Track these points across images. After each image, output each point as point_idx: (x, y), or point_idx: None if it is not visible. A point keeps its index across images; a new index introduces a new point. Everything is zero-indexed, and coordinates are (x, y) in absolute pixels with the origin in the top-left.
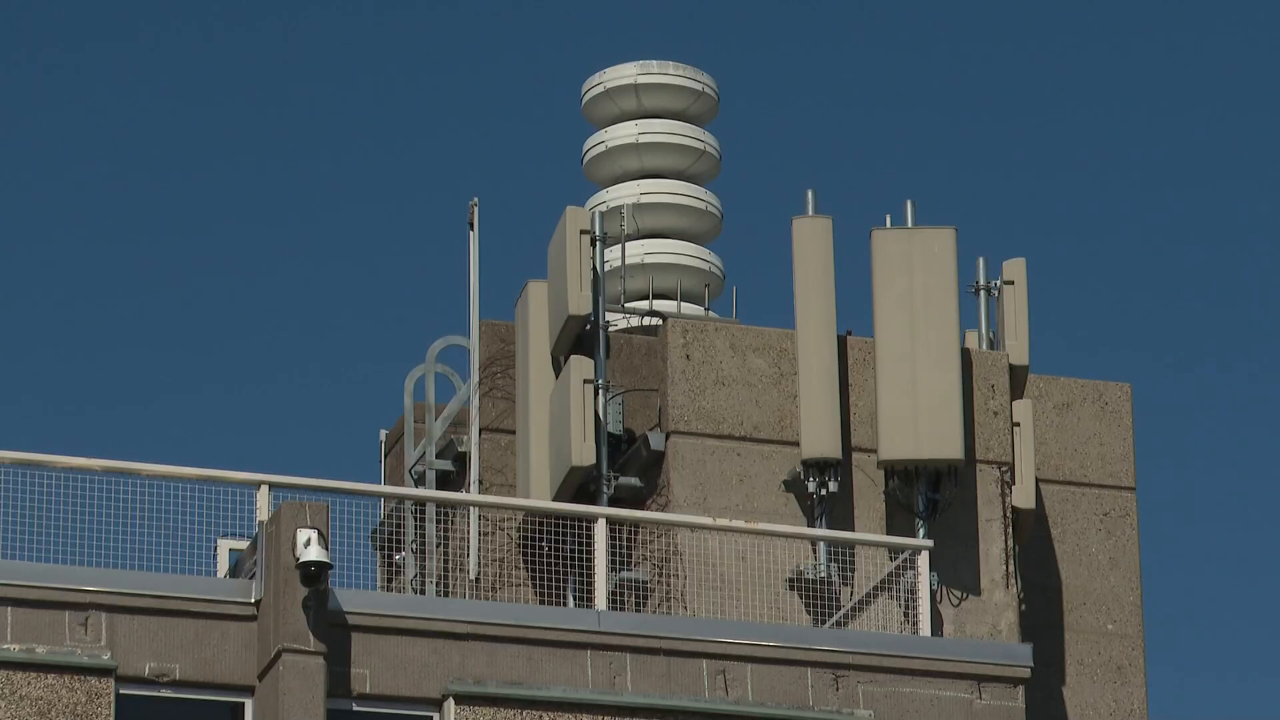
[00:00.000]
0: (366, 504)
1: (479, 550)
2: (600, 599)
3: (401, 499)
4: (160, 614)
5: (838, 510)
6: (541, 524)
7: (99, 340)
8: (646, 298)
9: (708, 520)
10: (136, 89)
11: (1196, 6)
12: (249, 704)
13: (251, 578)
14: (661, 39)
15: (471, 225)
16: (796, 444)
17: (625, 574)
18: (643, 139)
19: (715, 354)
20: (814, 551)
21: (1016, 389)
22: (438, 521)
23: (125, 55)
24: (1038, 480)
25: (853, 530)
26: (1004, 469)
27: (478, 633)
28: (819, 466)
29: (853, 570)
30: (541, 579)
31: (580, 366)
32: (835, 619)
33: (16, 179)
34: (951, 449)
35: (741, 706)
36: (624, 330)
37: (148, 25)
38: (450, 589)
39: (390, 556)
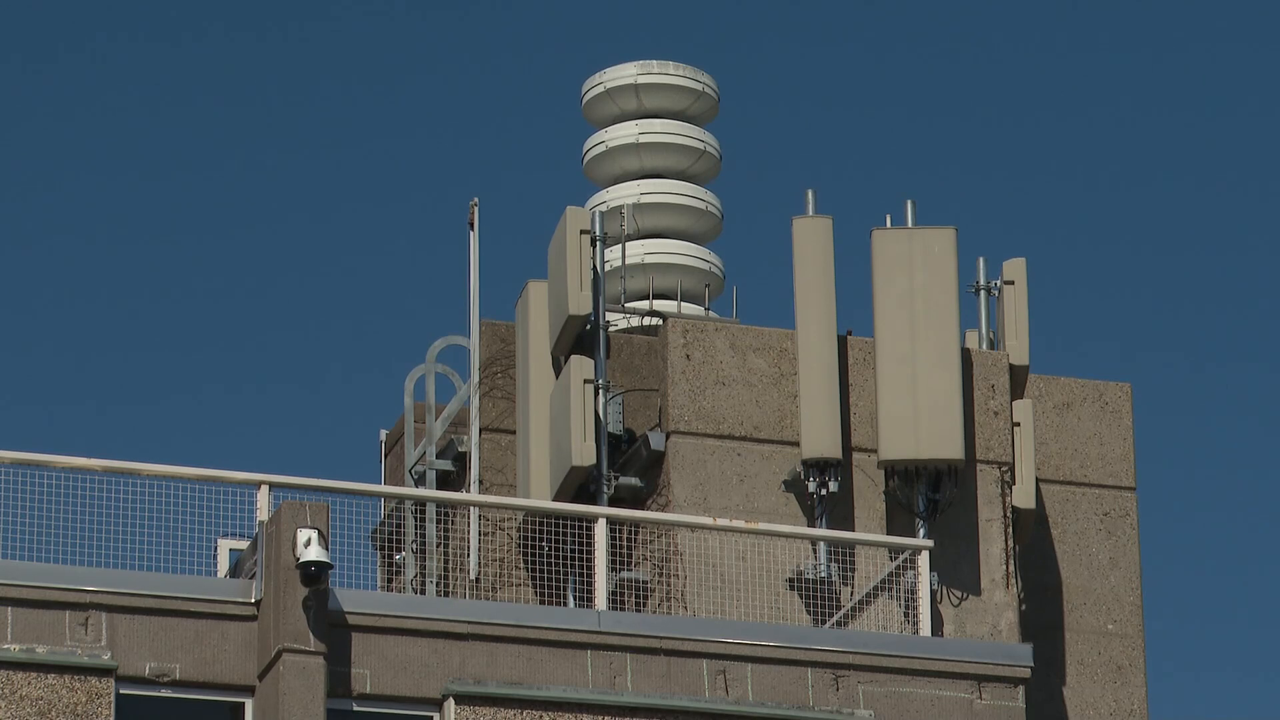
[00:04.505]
0: (366, 504)
1: (479, 550)
2: (600, 599)
3: (401, 499)
4: (160, 614)
5: (838, 510)
6: (541, 524)
7: (99, 340)
8: (646, 298)
9: (708, 520)
10: (137, 90)
11: (1196, 6)
12: (249, 704)
13: (251, 578)
14: (661, 39)
15: (471, 225)
16: (796, 444)
17: (625, 574)
18: (643, 139)
19: (715, 354)
20: (814, 551)
21: (1016, 389)
22: (438, 521)
23: (125, 56)
24: (1038, 480)
25: (853, 530)
26: (1004, 469)
27: (478, 633)
28: (819, 466)
29: (853, 570)
30: (541, 579)
31: (580, 366)
32: (835, 619)
33: (17, 179)
34: (951, 449)
35: (741, 706)
36: (624, 330)
37: (148, 26)
38: (450, 589)
39: (390, 556)
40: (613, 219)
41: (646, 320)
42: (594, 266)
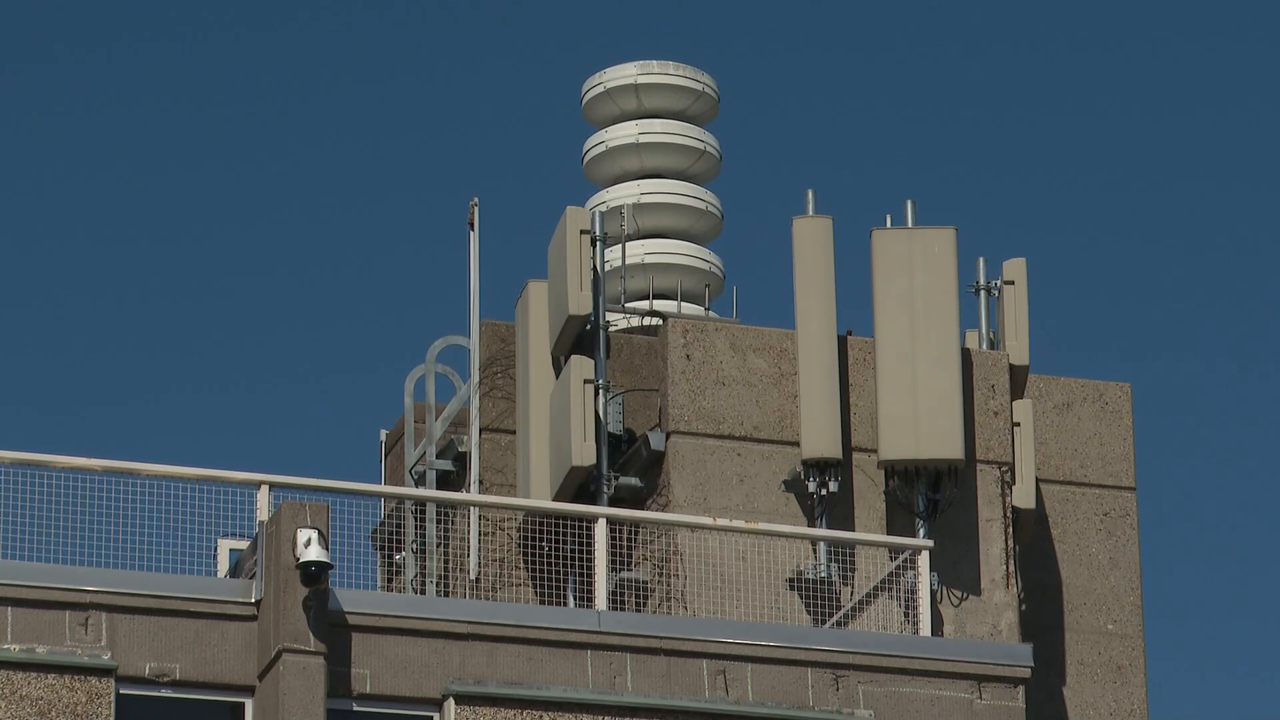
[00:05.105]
0: (366, 504)
1: (479, 550)
2: (600, 599)
3: (401, 499)
4: (160, 614)
5: (838, 510)
6: (541, 524)
7: (99, 340)
8: (647, 298)
9: (708, 520)
10: (137, 89)
11: (1196, 6)
12: (249, 704)
13: (251, 578)
14: (661, 39)
15: (471, 225)
16: (796, 444)
17: (625, 574)
18: (643, 139)
19: (715, 354)
20: (814, 551)
21: (1016, 389)
22: (438, 521)
23: (125, 56)
24: (1038, 480)
25: (853, 530)
26: (1004, 469)
27: (478, 633)
28: (819, 466)
29: (853, 570)
30: (541, 579)
31: (580, 366)
32: (835, 619)
33: (17, 180)
34: (951, 449)
35: (741, 706)
36: (624, 330)
37: (148, 26)
38: (450, 589)
39: (390, 556)
40: (613, 219)
41: (646, 320)
42: (594, 266)
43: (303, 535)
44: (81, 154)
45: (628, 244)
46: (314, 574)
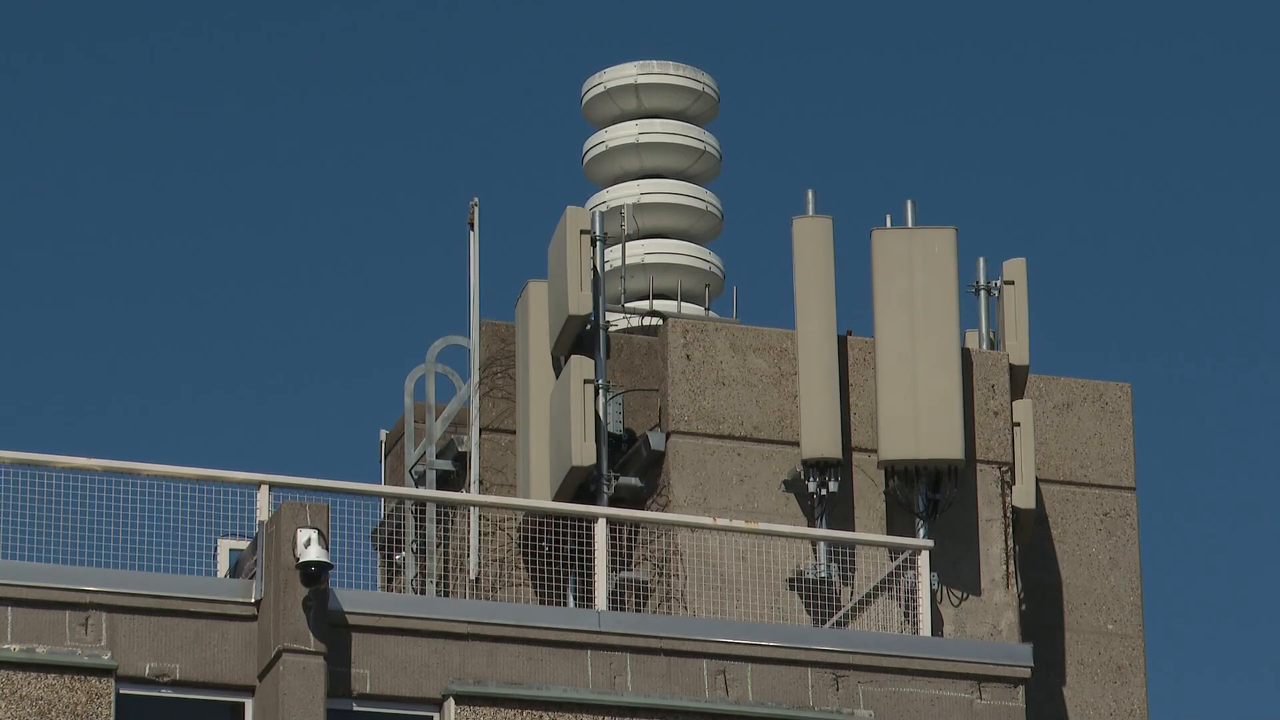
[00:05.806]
0: (366, 504)
1: (479, 550)
2: (600, 599)
3: (401, 499)
4: (160, 614)
5: (838, 510)
6: (541, 524)
7: (99, 340)
8: (647, 298)
9: (708, 520)
10: (137, 89)
11: (1197, 6)
12: (249, 704)
13: (251, 578)
14: (661, 39)
15: (471, 225)
16: (796, 444)
17: (625, 574)
18: (643, 139)
19: (715, 354)
20: (814, 551)
21: (1016, 389)
22: (438, 521)
23: (125, 56)
24: (1038, 480)
25: (853, 530)
26: (1004, 469)
27: (478, 633)
28: (819, 466)
29: (853, 570)
30: (541, 579)
31: (580, 366)
32: (835, 619)
33: (17, 180)
34: (951, 449)
35: (741, 706)
36: (624, 330)
37: (148, 26)
38: (450, 589)
39: (390, 556)
40: (613, 219)
41: (646, 320)
42: (594, 266)
43: (303, 535)
44: (82, 154)
45: (628, 244)
46: (314, 574)
